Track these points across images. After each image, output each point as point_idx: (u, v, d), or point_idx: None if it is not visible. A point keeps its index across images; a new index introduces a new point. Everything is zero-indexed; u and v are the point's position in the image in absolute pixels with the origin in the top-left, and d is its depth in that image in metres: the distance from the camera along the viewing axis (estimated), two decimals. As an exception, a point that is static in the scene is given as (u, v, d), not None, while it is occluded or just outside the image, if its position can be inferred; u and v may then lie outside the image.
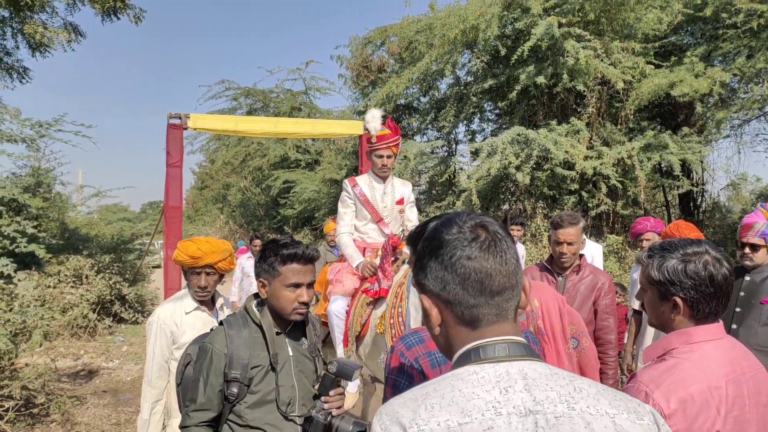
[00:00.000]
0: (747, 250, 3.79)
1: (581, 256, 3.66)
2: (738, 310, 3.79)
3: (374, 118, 4.01)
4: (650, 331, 4.88)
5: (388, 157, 4.00)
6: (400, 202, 4.07)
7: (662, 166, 11.56)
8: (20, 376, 4.31)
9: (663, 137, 10.70)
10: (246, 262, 7.80)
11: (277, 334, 2.34)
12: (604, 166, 10.51)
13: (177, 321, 3.08)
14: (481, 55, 12.12)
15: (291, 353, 2.37)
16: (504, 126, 12.32)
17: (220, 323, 2.38)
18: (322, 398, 2.13)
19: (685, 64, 10.96)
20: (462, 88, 12.72)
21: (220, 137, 16.47)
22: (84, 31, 10.65)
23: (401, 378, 1.74)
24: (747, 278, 3.82)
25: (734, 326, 3.78)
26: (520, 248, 7.19)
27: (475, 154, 11.75)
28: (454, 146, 14.10)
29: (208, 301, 3.21)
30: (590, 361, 2.90)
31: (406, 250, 3.88)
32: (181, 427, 2.29)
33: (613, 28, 11.36)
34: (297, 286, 2.26)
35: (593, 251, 6.29)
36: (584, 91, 10.96)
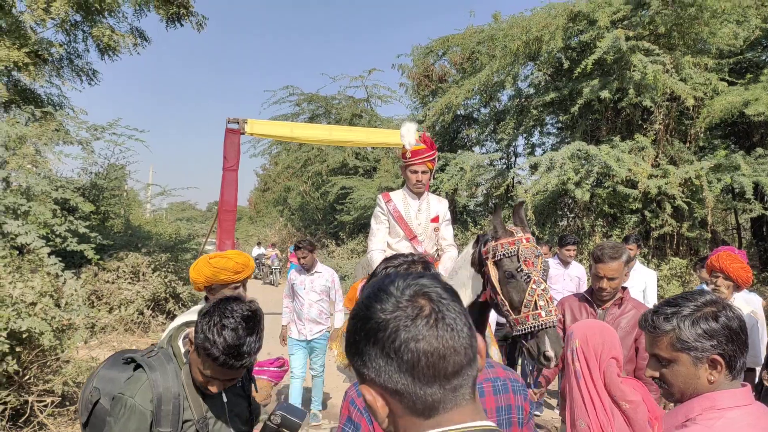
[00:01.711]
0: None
1: (624, 288, 3.46)
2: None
3: (409, 132, 3.94)
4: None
5: (423, 172, 3.93)
6: (435, 219, 4.00)
7: (734, 187, 10.94)
8: (63, 372, 4.50)
9: (735, 158, 10.13)
10: (296, 278, 6.14)
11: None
12: (669, 186, 10.06)
13: None
14: (544, 68, 11.86)
15: (225, 398, 2.18)
16: (565, 140, 12.00)
17: (138, 366, 2.10)
18: None
19: (762, 82, 10.35)
20: (523, 100, 12.49)
21: (282, 142, 16.85)
22: (149, 36, 11.16)
23: (348, 427, 1.63)
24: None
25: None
26: (577, 268, 6.85)
27: (534, 168, 11.49)
28: (513, 159, 13.85)
29: None
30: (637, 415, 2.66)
31: (439, 269, 3.80)
32: None
33: (685, 43, 10.87)
34: (210, 378, 2.01)
35: (647, 278, 5.95)
36: (651, 107, 10.54)
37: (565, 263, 6.63)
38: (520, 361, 6.67)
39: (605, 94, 10.36)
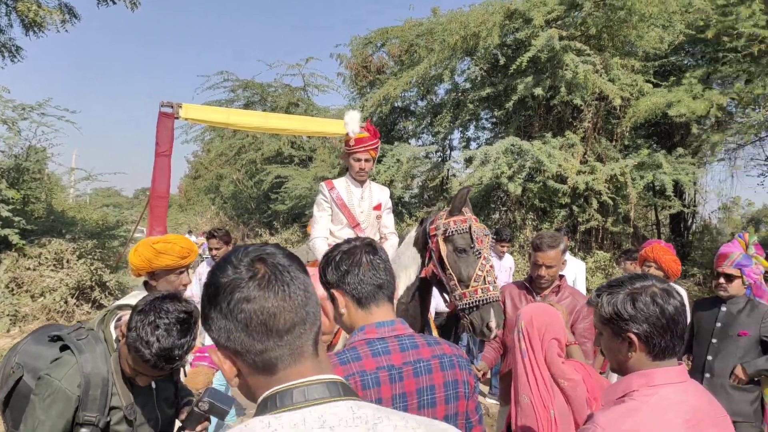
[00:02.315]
0: (722, 280, 3.74)
1: (561, 276, 3.58)
2: (714, 341, 3.74)
3: (353, 120, 3.93)
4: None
5: (366, 160, 3.93)
6: (378, 207, 4.00)
7: (655, 185, 11.52)
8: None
9: (657, 156, 10.67)
10: (205, 271, 5.74)
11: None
12: (596, 182, 10.47)
13: None
14: (480, 63, 12.07)
15: (154, 385, 2.15)
16: (499, 135, 12.28)
17: (65, 347, 2.04)
18: (186, 431, 2.01)
19: (684, 85, 10.92)
20: (459, 94, 12.67)
21: (216, 128, 16.41)
22: (79, 13, 10.54)
23: None
24: (723, 309, 3.77)
25: (710, 358, 3.73)
26: (509, 260, 7.14)
27: (469, 161, 11.70)
28: (448, 152, 14.05)
29: None
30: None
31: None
32: None
33: (614, 45, 11.33)
34: (139, 373, 2.00)
35: (576, 269, 6.23)
36: (581, 105, 10.92)
37: (500, 256, 6.88)
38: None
39: (538, 91, 10.65)
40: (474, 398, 1.80)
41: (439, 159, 13.41)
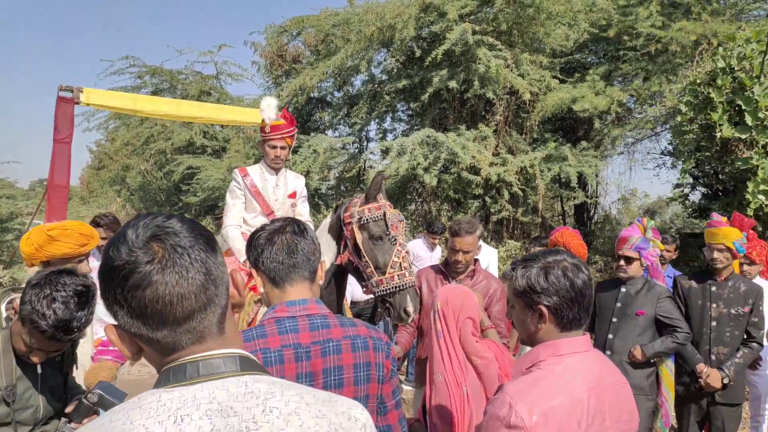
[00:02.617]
0: (622, 262, 3.95)
1: (476, 261, 3.67)
2: (614, 320, 3.94)
3: (269, 107, 3.85)
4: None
5: (282, 148, 3.86)
6: (293, 195, 3.94)
7: (561, 177, 12.07)
8: None
9: (563, 149, 11.16)
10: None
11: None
12: (507, 174, 10.82)
13: None
14: (396, 55, 12.16)
15: (40, 370, 2.10)
16: (415, 127, 12.42)
17: None
18: (72, 423, 1.95)
19: (587, 82, 11.50)
20: (376, 86, 12.70)
21: (121, 116, 15.57)
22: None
23: None
24: (623, 289, 3.98)
25: (610, 336, 3.93)
26: (439, 251, 7.29)
27: (386, 152, 11.77)
28: (365, 143, 14.07)
29: None
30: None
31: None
32: None
33: (524, 41, 11.73)
34: (34, 348, 1.96)
35: (489, 256, 6.47)
36: (493, 99, 11.24)
37: (431, 248, 7.04)
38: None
39: (453, 84, 10.85)
40: (391, 382, 1.80)
41: (356, 150, 13.41)
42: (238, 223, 3.79)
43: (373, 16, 11.28)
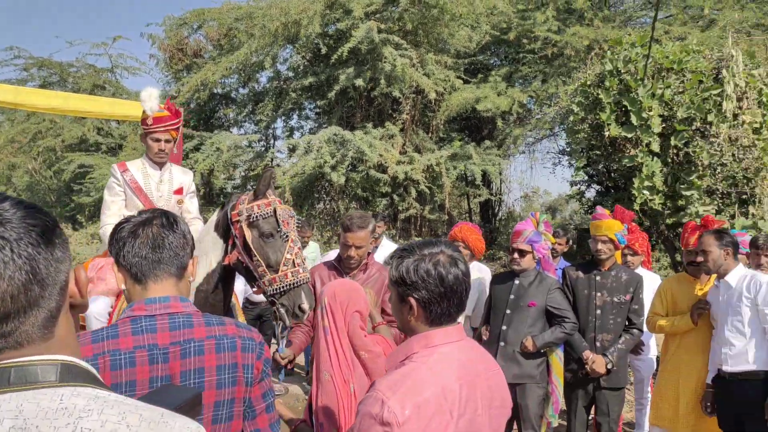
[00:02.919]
0: (516, 255, 4.03)
1: (369, 254, 3.63)
2: (508, 312, 4.02)
3: (151, 97, 3.61)
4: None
5: (167, 141, 3.64)
6: (179, 191, 3.73)
7: (467, 175, 12.35)
8: None
9: (468, 148, 11.43)
10: None
11: None
12: (414, 172, 10.94)
13: None
14: (303, 52, 12.00)
15: None
16: (323, 125, 12.31)
17: None
18: None
19: (490, 83, 11.84)
20: (282, 83, 12.49)
21: (4, 110, 14.42)
22: None
23: None
24: (516, 282, 4.07)
25: (504, 327, 4.00)
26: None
27: (292, 150, 11.59)
28: (272, 141, 13.80)
29: None
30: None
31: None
32: None
33: (429, 41, 11.90)
34: None
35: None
36: (400, 97, 11.32)
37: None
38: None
39: (359, 82, 10.84)
40: (262, 384, 1.69)
41: (263, 148, 13.11)
42: (117, 221, 3.54)
43: (278, 11, 11.07)
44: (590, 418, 4.27)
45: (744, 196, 7.51)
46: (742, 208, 7.52)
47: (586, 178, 10.12)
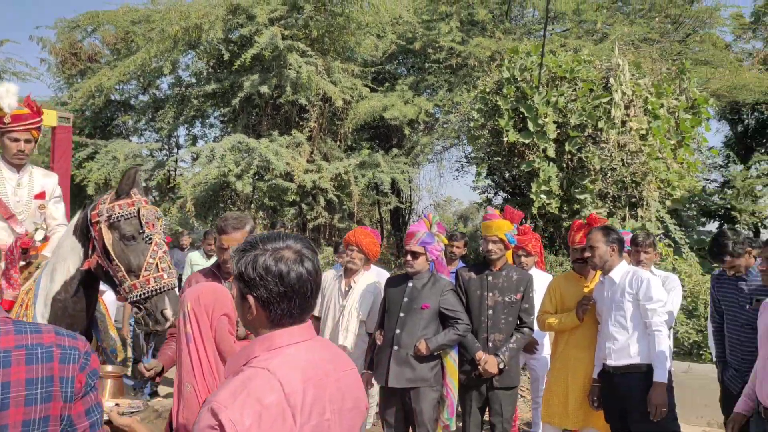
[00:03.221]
0: (409, 257, 3.98)
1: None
2: (402, 315, 3.95)
3: (8, 93, 3.28)
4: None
5: (27, 141, 3.32)
6: (41, 196, 3.41)
7: (377, 183, 12.35)
8: None
9: (376, 156, 11.43)
10: None
11: None
12: (322, 180, 10.80)
13: None
14: (205, 57, 11.62)
15: None
16: (227, 133, 11.96)
17: None
18: None
19: (397, 91, 11.94)
20: (184, 89, 12.03)
21: None
22: None
23: None
24: (410, 284, 4.01)
25: (398, 331, 3.92)
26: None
27: (196, 159, 11.17)
28: (175, 150, 13.25)
29: None
30: None
31: (45, 253, 3.26)
32: None
33: (336, 49, 11.85)
34: None
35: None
36: (307, 105, 11.17)
37: None
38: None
39: (264, 89, 10.61)
40: (86, 400, 1.48)
41: (165, 157, 12.56)
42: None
43: (177, 15, 10.66)
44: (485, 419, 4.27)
45: (633, 200, 7.91)
46: (632, 211, 7.91)
47: (493, 185, 10.38)
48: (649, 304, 3.73)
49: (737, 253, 3.88)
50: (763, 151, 14.04)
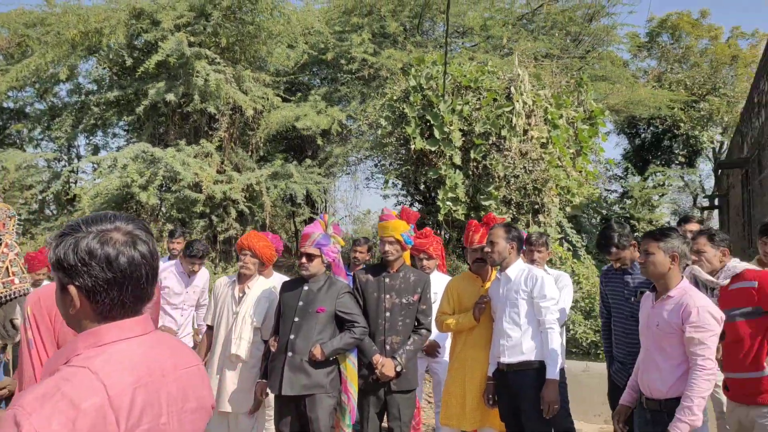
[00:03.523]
0: (304, 259, 3.89)
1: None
2: (297, 319, 3.84)
3: None
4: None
5: None
6: None
7: (291, 194, 12.14)
8: None
9: (289, 167, 11.25)
10: None
11: None
12: (233, 191, 10.50)
13: None
14: (106, 63, 11.09)
15: None
16: (132, 142, 11.44)
17: None
18: None
19: (310, 102, 11.84)
20: (84, 96, 11.43)
21: None
22: None
23: None
24: (305, 287, 3.91)
25: (292, 336, 3.81)
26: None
27: (96, 169, 10.60)
28: (75, 160, 12.53)
29: None
30: None
31: None
32: None
33: (246, 58, 11.63)
34: None
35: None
36: (216, 114, 10.87)
37: (190, 276, 6.33)
38: None
39: (171, 97, 10.22)
40: None
41: (63, 167, 11.85)
42: None
43: (75, 18, 10.13)
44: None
45: (536, 206, 8.17)
46: (535, 218, 8.16)
47: (405, 193, 10.44)
48: (543, 302, 3.81)
49: (622, 245, 4.03)
50: (658, 163, 14.97)
